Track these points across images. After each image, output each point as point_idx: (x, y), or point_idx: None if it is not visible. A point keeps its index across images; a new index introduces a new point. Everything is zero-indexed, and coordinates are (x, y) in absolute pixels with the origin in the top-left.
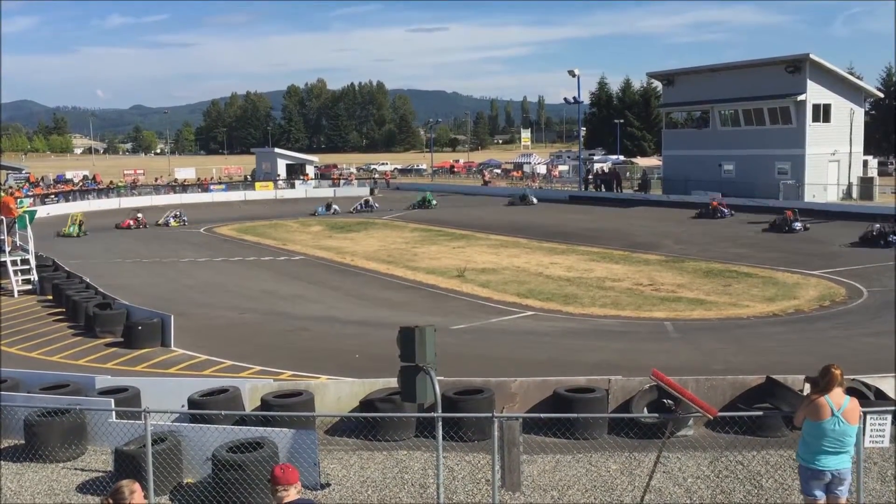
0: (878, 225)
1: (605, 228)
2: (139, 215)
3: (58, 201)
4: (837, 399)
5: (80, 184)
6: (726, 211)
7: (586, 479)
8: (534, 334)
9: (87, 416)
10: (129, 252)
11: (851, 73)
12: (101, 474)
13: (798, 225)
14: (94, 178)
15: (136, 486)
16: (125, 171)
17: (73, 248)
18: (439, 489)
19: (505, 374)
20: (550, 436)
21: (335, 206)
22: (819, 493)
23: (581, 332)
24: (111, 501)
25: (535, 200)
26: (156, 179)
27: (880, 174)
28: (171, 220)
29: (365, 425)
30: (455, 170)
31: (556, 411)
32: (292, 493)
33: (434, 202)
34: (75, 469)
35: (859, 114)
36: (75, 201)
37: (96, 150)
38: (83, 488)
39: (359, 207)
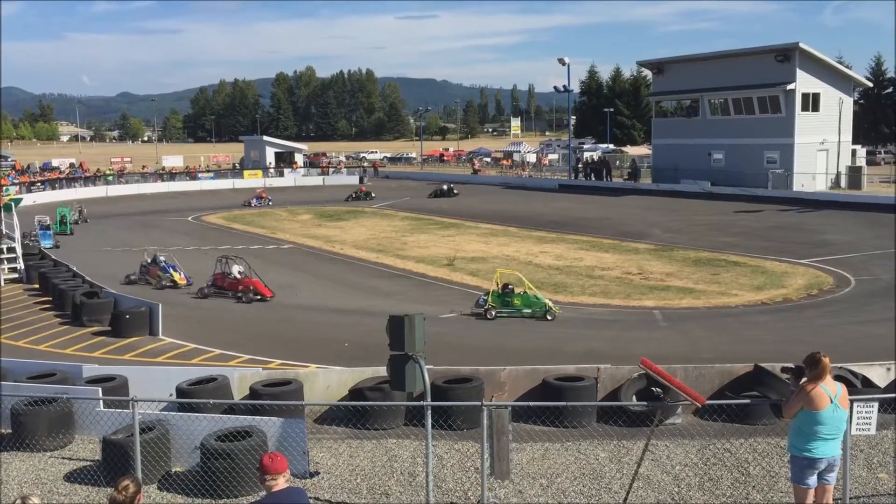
0: None
1: (595, 217)
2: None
3: (44, 189)
4: (832, 387)
5: (67, 172)
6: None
7: (575, 467)
8: (523, 323)
9: (74, 405)
10: (117, 240)
11: (841, 63)
12: (88, 463)
13: None
14: (80, 165)
15: (138, 481)
16: (112, 159)
17: (58, 236)
18: (428, 477)
19: (494, 362)
20: (539, 424)
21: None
22: (813, 482)
23: (570, 320)
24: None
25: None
26: (143, 167)
27: (869, 164)
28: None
29: (354, 414)
30: (445, 158)
31: (545, 400)
32: (281, 481)
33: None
34: (62, 458)
35: (848, 103)
36: (62, 189)
37: (83, 138)
38: (70, 477)
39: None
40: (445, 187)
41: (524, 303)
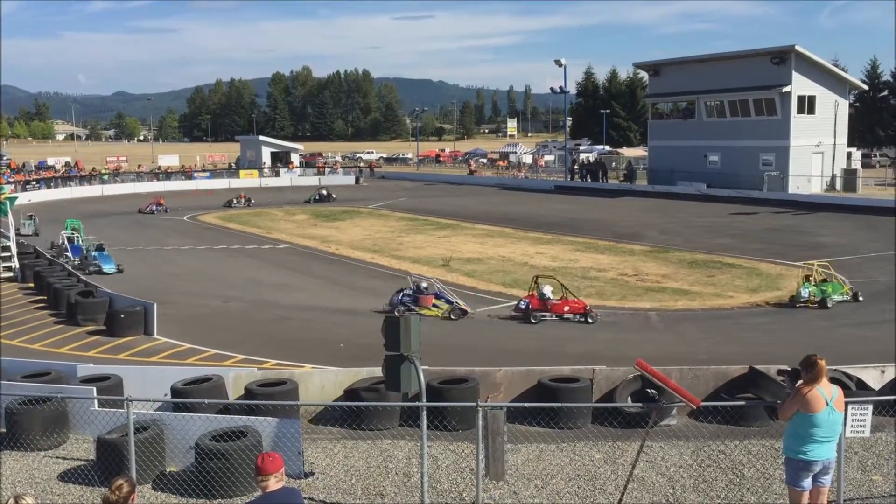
0: None
1: (591, 219)
2: None
3: (39, 188)
4: (828, 389)
5: (63, 171)
6: None
7: (570, 469)
8: (518, 324)
9: (68, 405)
10: (113, 239)
11: (836, 66)
12: (82, 463)
13: None
14: (76, 164)
15: (133, 481)
16: (108, 158)
17: (54, 235)
18: (423, 478)
19: (489, 363)
20: (534, 425)
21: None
22: (807, 484)
23: (566, 322)
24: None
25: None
26: (139, 166)
27: (864, 166)
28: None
29: (349, 414)
30: (441, 159)
31: (540, 401)
32: (276, 482)
33: None
34: (57, 458)
35: (844, 106)
36: (57, 188)
37: (78, 137)
38: (64, 477)
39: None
40: (325, 192)
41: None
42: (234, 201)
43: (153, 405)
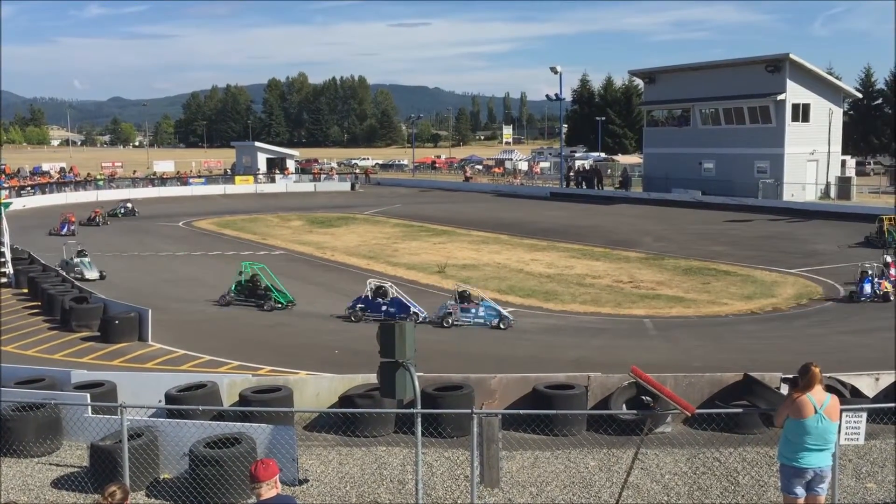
0: None
1: (586, 225)
2: None
3: (34, 194)
4: (819, 396)
5: (58, 176)
6: None
7: (565, 476)
8: (513, 331)
9: (62, 411)
10: (107, 246)
11: (830, 74)
12: (76, 470)
13: None
14: (71, 170)
15: (126, 487)
16: (103, 164)
17: (48, 240)
18: (418, 485)
19: (484, 370)
20: (529, 432)
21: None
22: (800, 491)
23: (561, 328)
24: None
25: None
26: (134, 172)
27: (858, 174)
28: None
29: (344, 421)
30: (437, 166)
31: (535, 408)
32: (270, 489)
33: None
34: (50, 464)
35: (838, 114)
36: (52, 193)
37: (74, 142)
38: (58, 484)
39: (122, 212)
40: (129, 205)
41: None
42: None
43: (147, 412)
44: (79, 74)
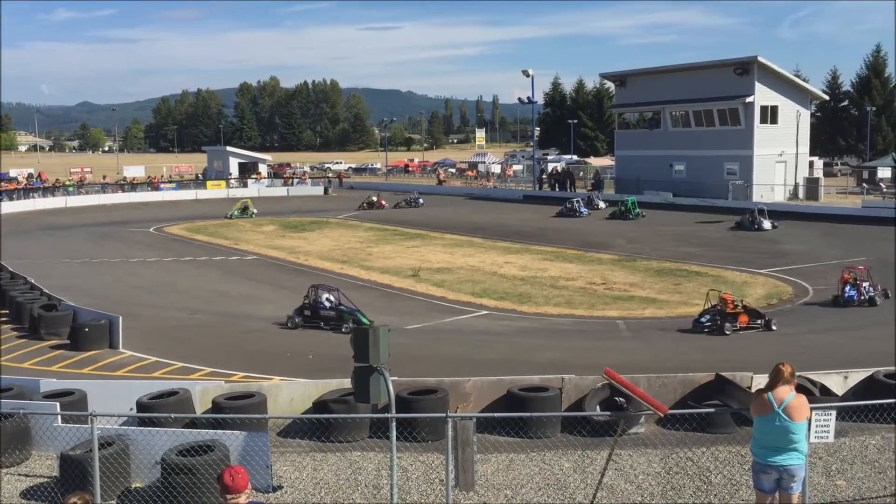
0: None
1: (559, 228)
2: None
3: (1, 200)
4: (780, 395)
5: (26, 182)
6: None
7: (539, 478)
8: (488, 334)
9: (31, 421)
10: (77, 252)
11: (798, 76)
12: (46, 480)
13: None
14: (39, 176)
15: (88, 497)
16: (72, 169)
17: (16, 247)
18: (393, 490)
19: (459, 373)
20: (504, 435)
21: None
22: (768, 487)
23: (535, 331)
24: None
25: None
26: (104, 177)
27: (826, 175)
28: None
29: (318, 427)
30: (410, 169)
31: (509, 410)
32: (242, 499)
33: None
34: (19, 475)
35: (805, 115)
36: (20, 200)
37: (42, 148)
38: (27, 494)
39: None
40: None
41: None
42: None
43: (118, 420)
44: (47, 79)
